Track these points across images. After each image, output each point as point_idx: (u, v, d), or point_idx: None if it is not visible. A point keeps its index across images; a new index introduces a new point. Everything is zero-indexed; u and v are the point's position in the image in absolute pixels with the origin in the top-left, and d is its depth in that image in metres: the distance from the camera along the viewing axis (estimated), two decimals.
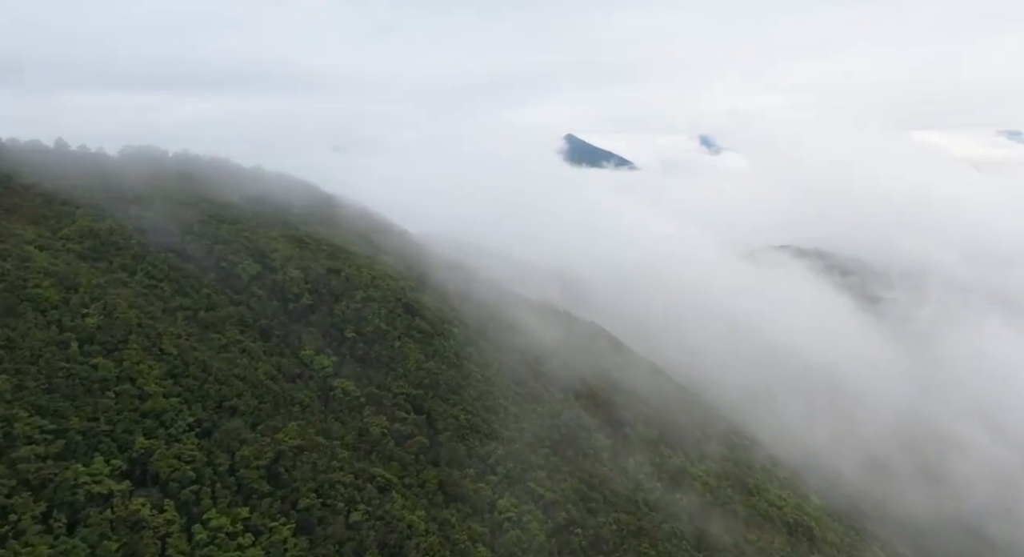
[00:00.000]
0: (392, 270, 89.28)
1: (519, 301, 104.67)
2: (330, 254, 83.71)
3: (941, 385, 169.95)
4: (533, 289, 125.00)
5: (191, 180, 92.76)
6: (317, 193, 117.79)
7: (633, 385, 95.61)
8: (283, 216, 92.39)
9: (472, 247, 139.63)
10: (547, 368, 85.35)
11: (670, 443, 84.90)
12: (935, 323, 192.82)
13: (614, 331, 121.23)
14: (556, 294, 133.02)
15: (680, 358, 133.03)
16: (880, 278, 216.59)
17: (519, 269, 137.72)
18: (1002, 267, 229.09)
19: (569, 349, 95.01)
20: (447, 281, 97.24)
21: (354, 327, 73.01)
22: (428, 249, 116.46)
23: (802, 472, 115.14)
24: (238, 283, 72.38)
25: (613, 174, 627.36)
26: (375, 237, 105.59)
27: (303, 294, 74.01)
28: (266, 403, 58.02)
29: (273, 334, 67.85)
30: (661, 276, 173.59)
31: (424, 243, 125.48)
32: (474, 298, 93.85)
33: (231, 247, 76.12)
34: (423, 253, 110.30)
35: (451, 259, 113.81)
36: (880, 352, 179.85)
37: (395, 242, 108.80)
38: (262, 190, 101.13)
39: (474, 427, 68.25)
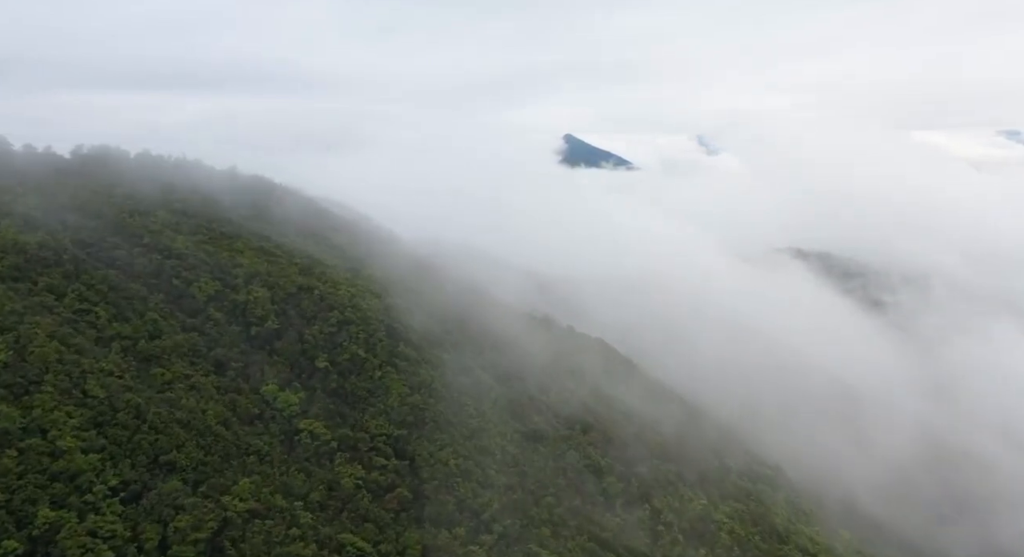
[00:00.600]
0: (375, 286, 79.30)
1: (517, 317, 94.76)
2: (303, 269, 73.69)
3: (955, 397, 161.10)
4: (530, 299, 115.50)
5: (151, 184, 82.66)
6: (298, 199, 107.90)
7: (643, 410, 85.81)
8: (253, 226, 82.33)
9: (465, 253, 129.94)
10: (550, 397, 75.45)
11: (688, 481, 75.02)
12: (942, 330, 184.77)
13: (614, 340, 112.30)
14: (553, 302, 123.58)
15: (684, 368, 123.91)
16: (882, 281, 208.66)
17: (514, 277, 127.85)
18: (1006, 270, 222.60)
19: (573, 371, 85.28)
20: (438, 297, 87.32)
21: (327, 355, 63.03)
22: (418, 259, 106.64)
23: (825, 500, 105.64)
24: (192, 305, 62.36)
25: (612, 175, 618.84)
26: (359, 247, 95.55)
27: (268, 317, 64.01)
28: (214, 455, 48.03)
29: (230, 366, 57.83)
30: (661, 281, 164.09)
31: (415, 251, 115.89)
32: (468, 316, 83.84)
33: (186, 262, 66.12)
34: (412, 264, 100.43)
35: (443, 270, 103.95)
36: (890, 361, 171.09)
37: (383, 252, 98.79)
38: (235, 196, 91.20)
39: (466, 473, 58.28)
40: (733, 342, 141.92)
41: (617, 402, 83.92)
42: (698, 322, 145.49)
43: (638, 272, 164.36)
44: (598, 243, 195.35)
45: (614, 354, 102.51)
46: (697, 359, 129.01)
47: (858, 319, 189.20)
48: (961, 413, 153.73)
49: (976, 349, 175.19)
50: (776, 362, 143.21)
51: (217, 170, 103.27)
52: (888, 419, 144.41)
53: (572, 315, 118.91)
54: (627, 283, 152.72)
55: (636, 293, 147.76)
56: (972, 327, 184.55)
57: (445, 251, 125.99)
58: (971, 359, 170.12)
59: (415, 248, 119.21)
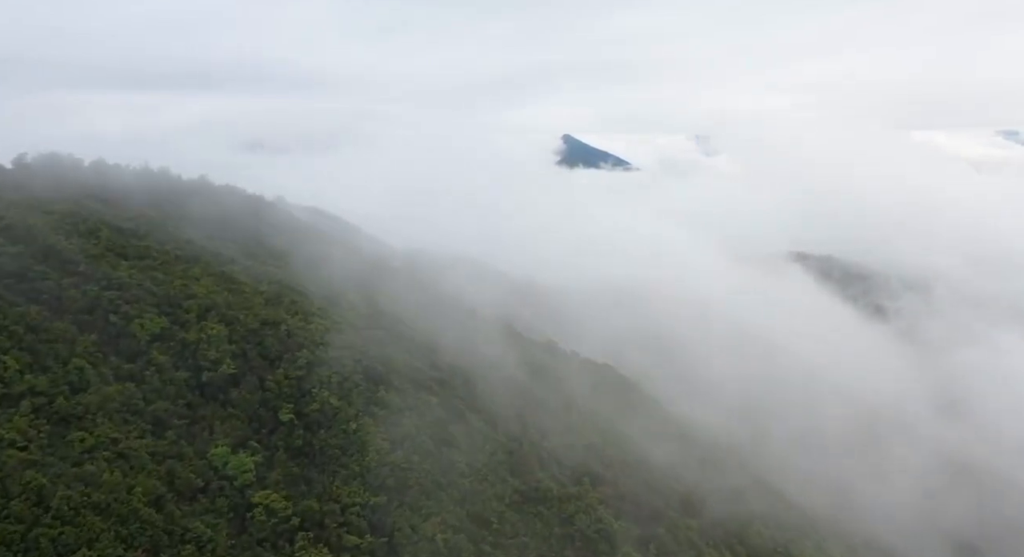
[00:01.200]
0: (355, 314, 69.53)
1: (515, 343, 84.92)
2: (270, 298, 63.84)
3: (971, 412, 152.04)
4: (526, 316, 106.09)
5: (101, 199, 72.88)
6: (278, 212, 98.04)
7: (656, 451, 76.12)
8: (217, 246, 72.45)
9: (458, 265, 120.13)
10: (553, 443, 65.72)
11: (712, 539, 65.42)
12: (949, 338, 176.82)
13: (613, 353, 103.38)
14: (549, 316, 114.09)
15: (686, 384, 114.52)
16: (882, 285, 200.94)
17: (511, 291, 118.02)
18: (1009, 274, 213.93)
19: (578, 408, 75.53)
20: (426, 322, 77.53)
21: (292, 406, 53.22)
22: (407, 277, 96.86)
23: (852, 541, 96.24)
24: (131, 347, 52.54)
25: (610, 176, 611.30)
26: (342, 266, 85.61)
27: (224, 359, 54.17)
28: (136, 548, 38.30)
29: (171, 424, 48.06)
30: (659, 289, 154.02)
31: (404, 266, 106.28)
32: (460, 345, 74.01)
33: (129, 293, 56.29)
34: (400, 283, 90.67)
35: (433, 287, 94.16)
36: (899, 372, 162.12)
37: (368, 270, 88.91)
38: (202, 211, 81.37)
39: (456, 550, 48.56)
40: (737, 355, 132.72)
41: (628, 443, 74.26)
42: (699, 332, 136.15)
43: (636, 280, 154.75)
44: (595, 250, 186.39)
45: (622, 382, 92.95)
46: (700, 374, 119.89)
47: (862, 327, 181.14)
48: (979, 431, 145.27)
49: (986, 359, 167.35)
50: (781, 373, 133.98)
51: (185, 180, 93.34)
52: (904, 439, 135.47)
53: (570, 329, 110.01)
54: (625, 291, 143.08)
55: (635, 302, 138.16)
56: (979, 335, 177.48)
57: (437, 263, 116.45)
58: (982, 370, 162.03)
59: (404, 262, 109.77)
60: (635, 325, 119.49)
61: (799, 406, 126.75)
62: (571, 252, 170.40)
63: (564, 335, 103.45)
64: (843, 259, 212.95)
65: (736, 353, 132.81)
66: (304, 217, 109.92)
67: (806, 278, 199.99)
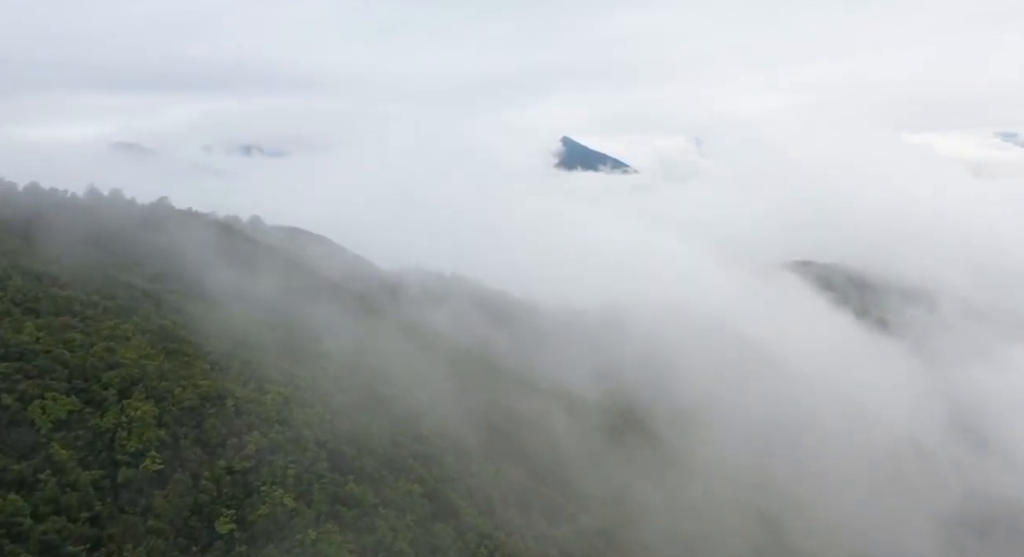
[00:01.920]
0: (326, 375, 58.04)
1: (522, 395, 73.29)
2: (218, 361, 52.33)
3: (990, 439, 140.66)
4: (509, 342, 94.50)
5: (24, 235, 61.34)
6: (247, 242, 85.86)
7: (702, 527, 64.83)
8: (162, 291, 60.84)
9: (448, 288, 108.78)
10: (564, 531, 54.32)
11: None
12: (959, 355, 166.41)
13: (608, 387, 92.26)
14: (536, 340, 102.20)
15: (701, 413, 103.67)
16: (884, 296, 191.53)
17: (495, 312, 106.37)
18: (1013, 285, 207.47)
19: (609, 480, 63.79)
20: (409, 374, 66.07)
21: (234, 512, 41.79)
22: (392, 309, 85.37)
23: None
24: (26, 438, 41.10)
25: (608, 179, 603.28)
26: (318, 305, 74.06)
27: (148, 451, 42.74)
28: None
29: (65, 550, 36.60)
30: (655, 306, 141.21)
31: (389, 292, 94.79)
32: (454, 407, 62.54)
33: (32, 364, 44.84)
34: (384, 320, 79.20)
35: (422, 326, 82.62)
36: (912, 393, 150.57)
37: (346, 309, 77.39)
38: (151, 244, 69.85)
39: None
40: (742, 378, 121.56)
41: (670, 526, 62.71)
42: (699, 354, 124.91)
43: (631, 296, 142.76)
44: (589, 262, 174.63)
45: (655, 442, 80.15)
46: (702, 402, 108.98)
47: (870, 342, 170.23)
48: (1002, 460, 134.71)
49: (998, 378, 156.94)
50: (790, 396, 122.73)
51: (141, 205, 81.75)
52: (925, 472, 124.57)
53: (561, 355, 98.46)
54: (620, 310, 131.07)
55: (630, 322, 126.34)
56: (988, 351, 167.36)
57: (424, 287, 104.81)
58: (998, 391, 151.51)
59: (389, 289, 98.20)
60: (630, 349, 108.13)
61: (811, 435, 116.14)
62: (564, 265, 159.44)
63: (554, 363, 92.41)
64: (843, 268, 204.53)
65: (740, 376, 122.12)
66: (282, 241, 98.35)
67: (807, 289, 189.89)
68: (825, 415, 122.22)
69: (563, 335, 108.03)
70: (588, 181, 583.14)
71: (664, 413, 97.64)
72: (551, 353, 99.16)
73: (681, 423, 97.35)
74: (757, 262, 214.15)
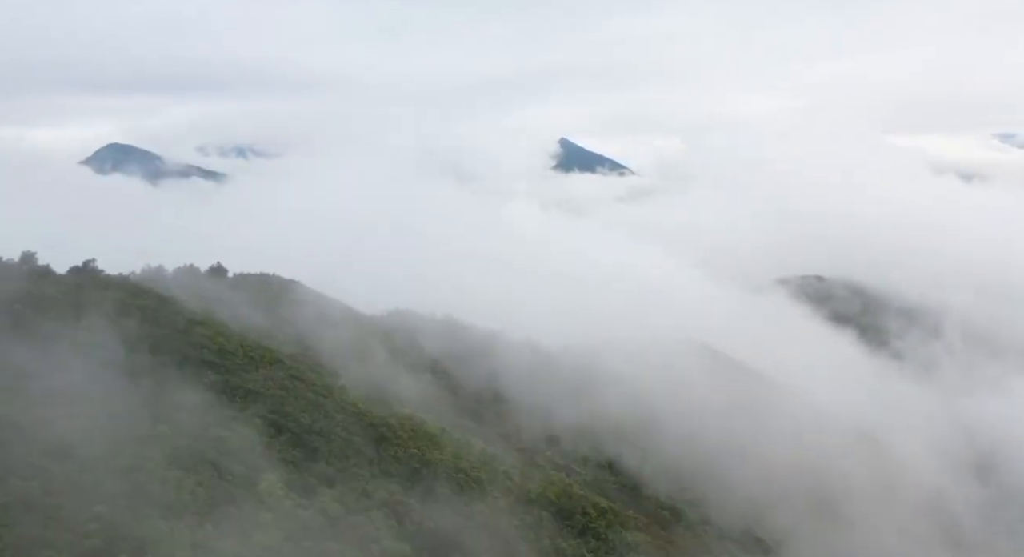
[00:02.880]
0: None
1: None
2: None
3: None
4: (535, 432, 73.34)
5: None
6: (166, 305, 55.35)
7: None
8: None
9: (450, 331, 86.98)
10: None
11: None
12: (970, 384, 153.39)
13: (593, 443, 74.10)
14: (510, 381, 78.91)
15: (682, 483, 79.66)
16: (879, 313, 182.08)
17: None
18: (1017, 304, 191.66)
19: None
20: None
21: None
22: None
23: None
24: None
25: (605, 181, 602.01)
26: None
27: None
28: None
29: None
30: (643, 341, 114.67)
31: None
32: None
33: None
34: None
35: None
36: (924, 427, 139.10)
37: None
38: None
39: None
40: (750, 420, 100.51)
41: None
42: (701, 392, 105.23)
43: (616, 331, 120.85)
44: (575, 286, 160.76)
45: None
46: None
47: (874, 368, 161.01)
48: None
49: (1012, 410, 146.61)
50: (802, 421, 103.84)
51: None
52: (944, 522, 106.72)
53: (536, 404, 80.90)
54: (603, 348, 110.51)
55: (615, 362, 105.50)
56: (998, 380, 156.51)
57: (417, 328, 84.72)
58: (1010, 424, 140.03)
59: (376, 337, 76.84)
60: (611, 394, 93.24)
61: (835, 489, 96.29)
62: (546, 291, 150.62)
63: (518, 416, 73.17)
64: (839, 284, 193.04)
65: (743, 418, 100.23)
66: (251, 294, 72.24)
67: (806, 309, 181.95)
68: (844, 458, 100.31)
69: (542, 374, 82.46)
70: (584, 184, 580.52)
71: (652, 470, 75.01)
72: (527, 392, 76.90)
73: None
74: (751, 277, 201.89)
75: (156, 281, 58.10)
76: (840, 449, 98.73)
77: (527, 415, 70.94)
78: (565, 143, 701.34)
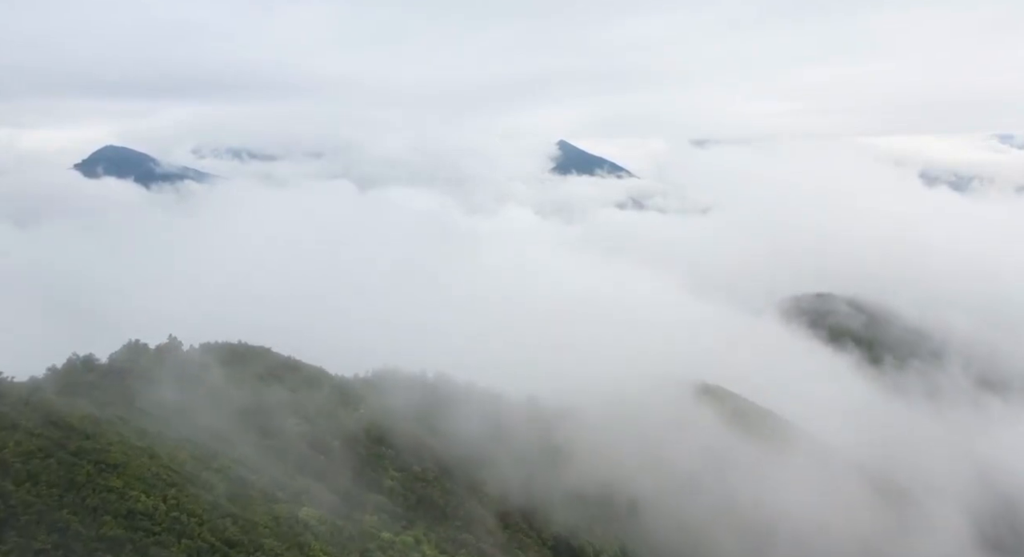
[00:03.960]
0: None
1: None
2: None
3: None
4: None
5: None
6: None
7: None
8: None
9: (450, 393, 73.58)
10: None
11: None
12: (980, 417, 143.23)
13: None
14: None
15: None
16: (882, 333, 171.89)
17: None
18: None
19: None
20: None
21: None
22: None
23: None
24: None
25: (603, 184, 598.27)
26: None
27: None
28: None
29: None
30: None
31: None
32: None
33: None
34: None
35: None
36: (936, 466, 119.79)
37: None
38: None
39: None
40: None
41: None
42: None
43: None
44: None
45: None
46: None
47: (877, 396, 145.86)
48: None
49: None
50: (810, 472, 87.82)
51: None
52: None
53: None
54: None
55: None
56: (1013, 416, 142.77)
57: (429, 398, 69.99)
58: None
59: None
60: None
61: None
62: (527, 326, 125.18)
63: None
64: (840, 301, 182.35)
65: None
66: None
67: (800, 331, 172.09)
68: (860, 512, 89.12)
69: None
70: (581, 187, 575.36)
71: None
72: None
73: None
74: (746, 296, 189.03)
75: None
76: (856, 502, 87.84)
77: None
78: (564, 145, 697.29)
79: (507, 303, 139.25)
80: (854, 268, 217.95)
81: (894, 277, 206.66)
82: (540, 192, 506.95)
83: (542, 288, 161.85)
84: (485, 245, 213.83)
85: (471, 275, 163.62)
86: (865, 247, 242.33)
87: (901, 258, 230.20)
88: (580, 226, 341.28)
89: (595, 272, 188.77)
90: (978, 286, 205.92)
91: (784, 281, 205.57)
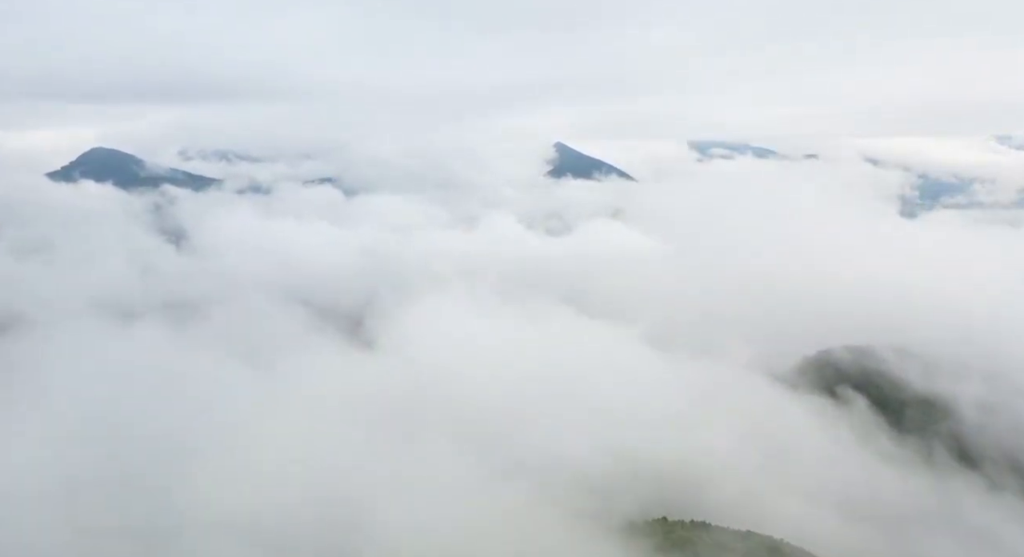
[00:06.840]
0: None
1: None
2: None
3: None
4: None
5: None
6: None
7: None
8: None
9: None
10: None
11: None
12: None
13: None
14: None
15: None
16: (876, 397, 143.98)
17: None
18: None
19: None
20: None
21: None
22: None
23: None
24: None
25: (602, 187, 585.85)
26: None
27: None
28: None
29: None
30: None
31: None
32: None
33: None
34: None
35: None
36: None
37: None
38: None
39: None
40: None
41: None
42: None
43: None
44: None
45: None
46: None
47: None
48: None
49: None
50: None
51: None
52: None
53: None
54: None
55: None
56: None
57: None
58: None
59: None
60: None
61: None
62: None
63: None
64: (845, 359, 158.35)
65: None
66: None
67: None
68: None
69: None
70: (577, 192, 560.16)
71: None
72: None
73: None
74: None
75: None
76: None
77: None
78: (561, 148, 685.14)
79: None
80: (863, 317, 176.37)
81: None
82: (531, 198, 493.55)
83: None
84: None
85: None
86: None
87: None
88: (566, 238, 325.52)
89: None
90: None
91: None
